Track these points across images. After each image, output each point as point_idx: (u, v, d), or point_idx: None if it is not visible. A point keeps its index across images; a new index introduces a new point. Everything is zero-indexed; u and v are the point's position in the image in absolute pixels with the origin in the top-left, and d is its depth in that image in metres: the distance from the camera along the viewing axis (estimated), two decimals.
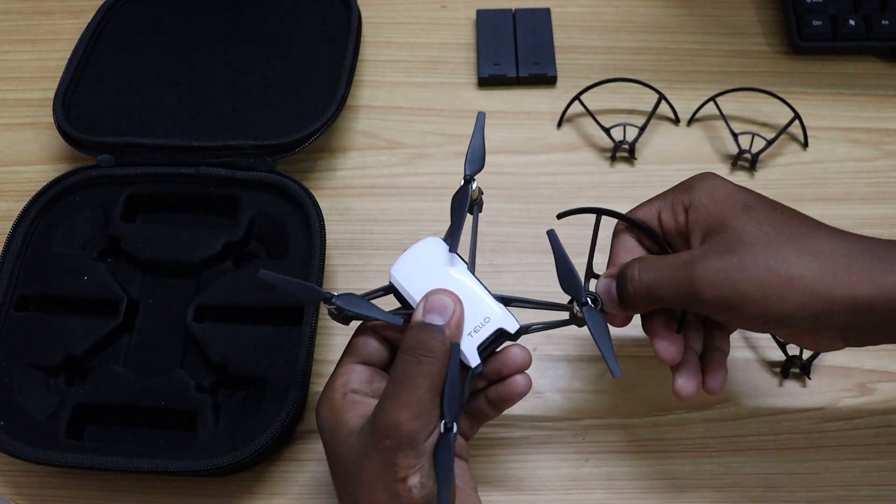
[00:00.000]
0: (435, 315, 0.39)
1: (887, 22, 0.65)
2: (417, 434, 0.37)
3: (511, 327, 0.41)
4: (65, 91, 0.60)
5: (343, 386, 0.41)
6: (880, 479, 0.49)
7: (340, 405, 0.40)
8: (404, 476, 0.37)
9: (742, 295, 0.38)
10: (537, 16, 0.68)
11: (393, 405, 0.37)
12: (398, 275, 0.42)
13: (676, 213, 0.43)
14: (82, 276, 0.53)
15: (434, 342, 0.38)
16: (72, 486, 0.50)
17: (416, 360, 0.38)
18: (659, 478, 0.50)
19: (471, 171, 0.44)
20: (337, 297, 0.41)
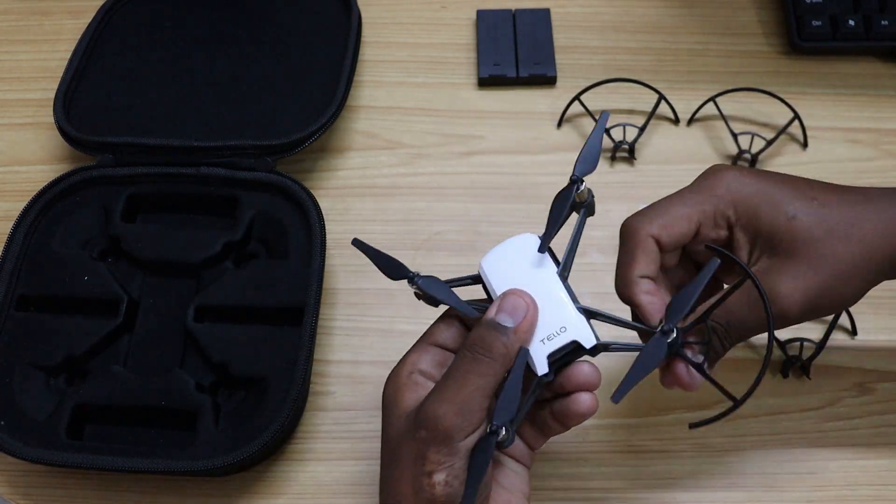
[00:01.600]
0: (505, 315, 0.38)
1: (887, 22, 0.65)
2: (454, 432, 0.36)
3: (587, 342, 0.39)
4: (65, 91, 0.60)
5: (412, 364, 0.40)
6: (880, 479, 0.49)
7: (404, 383, 0.39)
8: (431, 470, 0.36)
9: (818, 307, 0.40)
10: (537, 16, 0.68)
11: (437, 398, 0.37)
12: (487, 266, 0.41)
13: (719, 227, 0.42)
14: (82, 276, 0.54)
15: (496, 343, 0.37)
16: (72, 486, 0.50)
17: (472, 357, 0.37)
18: (659, 478, 0.50)
19: (580, 172, 0.41)
20: (420, 277, 0.40)
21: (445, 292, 0.40)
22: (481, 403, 0.37)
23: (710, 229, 0.42)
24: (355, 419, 0.52)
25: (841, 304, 0.42)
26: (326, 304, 0.56)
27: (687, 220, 0.41)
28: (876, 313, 0.55)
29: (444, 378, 0.37)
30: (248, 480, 0.50)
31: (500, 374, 0.37)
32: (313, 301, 0.51)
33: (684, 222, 0.41)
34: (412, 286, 0.41)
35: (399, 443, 0.38)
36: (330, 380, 0.53)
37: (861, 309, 0.54)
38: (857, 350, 0.54)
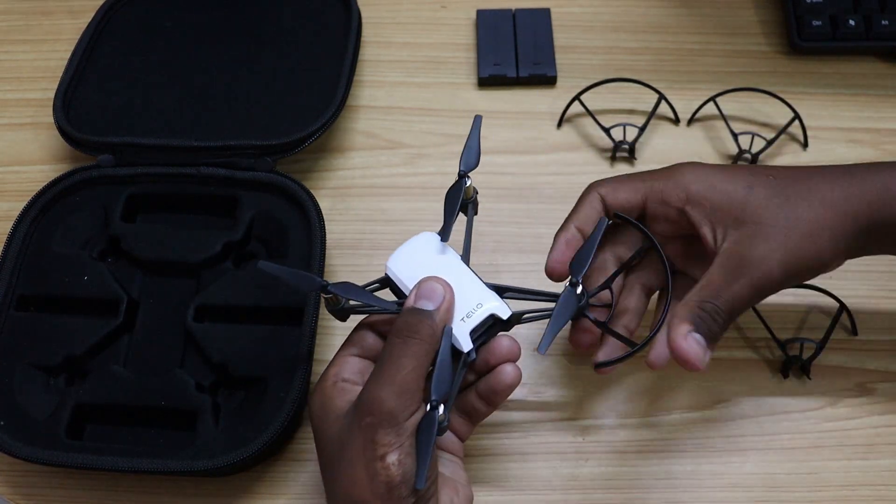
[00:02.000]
0: (425, 300, 0.41)
1: (887, 22, 0.65)
2: (398, 412, 0.37)
3: (503, 313, 0.42)
4: (65, 91, 0.60)
5: (335, 375, 0.42)
6: (880, 479, 0.49)
7: (330, 392, 0.41)
8: (383, 454, 0.37)
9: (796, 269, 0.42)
10: (537, 16, 0.68)
11: (376, 383, 0.38)
12: (394, 266, 0.44)
13: (667, 204, 0.44)
14: (82, 276, 0.54)
15: (422, 325, 0.39)
16: (72, 486, 0.50)
17: (402, 342, 0.39)
18: (659, 478, 0.50)
19: (464, 168, 0.45)
20: (333, 285, 0.42)
21: (364, 294, 0.42)
22: (418, 383, 0.39)
23: (658, 204, 0.44)
24: None
25: (819, 264, 0.42)
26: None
27: (634, 190, 0.45)
28: (876, 314, 0.55)
29: (379, 365, 0.39)
30: (248, 480, 0.50)
31: (430, 353, 0.39)
32: (313, 301, 0.51)
33: (631, 191, 0.45)
34: (326, 295, 0.42)
35: (341, 439, 0.39)
36: None
37: (861, 309, 0.54)
38: (858, 350, 0.54)
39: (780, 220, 0.42)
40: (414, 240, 0.45)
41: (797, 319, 0.55)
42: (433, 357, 0.39)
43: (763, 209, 0.42)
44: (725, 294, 0.41)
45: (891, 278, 0.56)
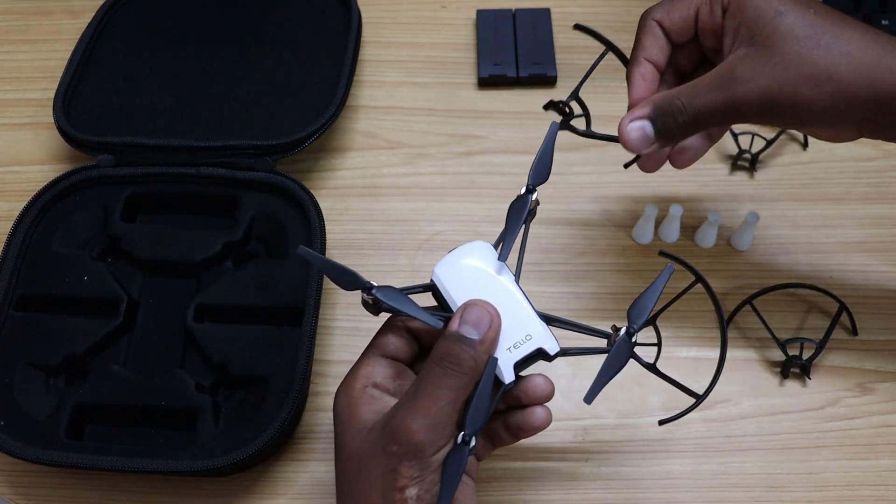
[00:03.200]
0: (471, 328, 0.38)
1: (887, 22, 0.65)
2: (427, 446, 0.36)
3: (551, 349, 0.40)
4: (65, 91, 0.60)
5: (365, 378, 0.40)
6: (880, 479, 0.49)
7: (359, 397, 0.39)
8: (403, 486, 0.36)
9: (777, 102, 0.40)
10: (537, 16, 0.68)
11: (409, 412, 0.36)
12: (442, 275, 0.40)
13: (715, 13, 0.44)
14: (82, 276, 0.54)
15: (465, 356, 0.37)
16: (72, 486, 0.50)
17: (442, 372, 0.37)
18: (659, 478, 0.50)
19: (533, 182, 0.43)
20: (377, 288, 0.39)
21: (407, 303, 0.39)
22: (452, 416, 0.37)
23: (707, 15, 0.44)
24: None
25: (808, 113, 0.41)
26: (326, 304, 0.56)
27: (686, 6, 0.45)
28: (876, 314, 0.55)
29: (414, 391, 0.37)
30: (248, 480, 0.50)
31: (469, 386, 0.37)
32: (313, 301, 0.51)
33: (684, 7, 0.45)
34: (368, 296, 0.39)
35: (363, 457, 0.37)
36: (330, 380, 0.53)
37: (861, 309, 0.54)
38: (858, 350, 0.54)
39: (792, 52, 0.40)
40: (466, 247, 0.41)
41: (797, 319, 0.55)
42: (471, 389, 0.37)
43: (781, 35, 0.41)
44: (698, 99, 0.41)
45: (891, 278, 0.56)
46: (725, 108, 0.41)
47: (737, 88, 0.41)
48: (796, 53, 0.40)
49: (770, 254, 0.57)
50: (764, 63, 0.40)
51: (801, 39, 0.40)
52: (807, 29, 0.41)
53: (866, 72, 0.40)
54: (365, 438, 0.38)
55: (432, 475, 0.36)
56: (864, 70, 0.40)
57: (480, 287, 0.40)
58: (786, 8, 0.41)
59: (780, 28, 0.41)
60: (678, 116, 0.42)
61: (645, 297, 0.40)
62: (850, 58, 0.40)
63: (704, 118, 0.42)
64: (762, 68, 0.40)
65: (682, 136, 0.43)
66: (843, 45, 0.40)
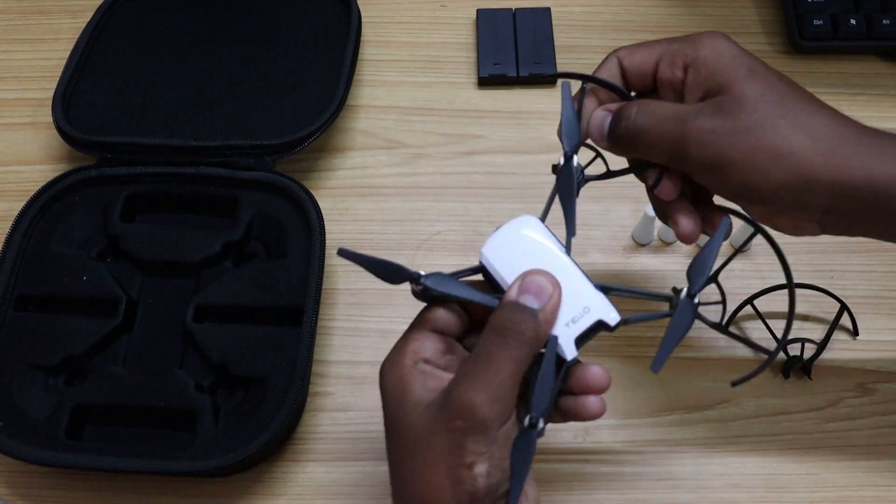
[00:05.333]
0: (530, 296, 0.36)
1: (888, 21, 0.65)
2: (492, 420, 0.34)
3: (612, 319, 0.38)
4: (64, 91, 0.60)
5: (414, 353, 0.38)
6: (881, 479, 0.49)
7: (409, 373, 0.37)
8: (472, 462, 0.34)
9: (729, 160, 0.38)
10: (537, 15, 0.68)
11: (470, 385, 0.34)
12: (490, 254, 0.39)
13: (675, 65, 0.41)
14: (81, 276, 0.53)
15: (525, 325, 0.35)
16: (71, 486, 0.50)
17: (503, 341, 0.35)
18: (659, 478, 0.50)
19: (569, 147, 0.40)
20: (425, 276, 0.38)
21: (458, 287, 0.38)
22: (514, 389, 0.35)
23: (666, 66, 0.41)
24: (355, 420, 0.52)
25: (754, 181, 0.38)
26: (326, 304, 0.56)
27: (650, 52, 0.42)
28: (877, 314, 0.55)
29: (473, 363, 0.35)
30: (247, 481, 0.50)
31: (530, 357, 0.36)
32: (313, 301, 0.51)
33: (647, 53, 0.42)
34: (416, 287, 0.38)
35: (422, 436, 0.35)
36: (330, 380, 0.53)
37: (862, 309, 0.54)
38: (859, 351, 0.54)
39: (757, 115, 0.38)
40: (513, 223, 0.39)
41: (798, 320, 0.55)
42: (531, 360, 0.36)
43: (749, 97, 0.38)
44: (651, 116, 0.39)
45: (891, 278, 0.56)
46: (671, 142, 0.39)
47: (690, 129, 0.38)
48: (762, 117, 0.38)
49: (770, 254, 0.57)
50: (724, 119, 0.38)
51: (768, 104, 0.38)
52: (776, 96, 0.38)
53: (830, 153, 0.37)
54: (422, 414, 0.36)
55: (500, 450, 0.35)
56: (829, 151, 0.37)
57: (533, 261, 0.38)
58: (756, 70, 0.39)
59: (747, 89, 0.38)
60: (624, 122, 0.40)
61: (704, 255, 0.38)
62: (815, 136, 0.37)
63: (647, 140, 0.40)
64: (722, 122, 0.38)
65: (622, 144, 0.41)
66: (810, 121, 0.38)
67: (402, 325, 0.55)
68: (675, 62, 0.41)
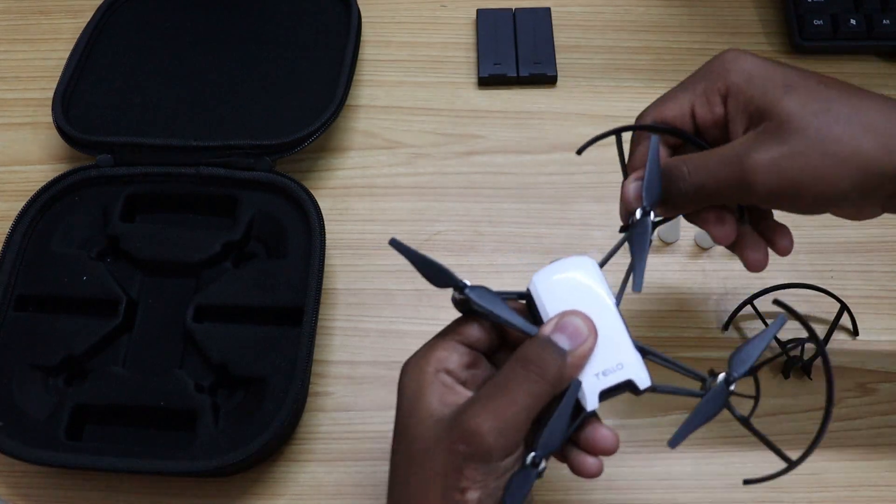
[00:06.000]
0: (564, 336, 0.36)
1: (888, 21, 0.65)
2: (495, 451, 0.34)
3: (642, 382, 0.37)
4: (64, 91, 0.60)
5: (438, 361, 0.37)
6: (881, 479, 0.49)
7: (430, 381, 0.36)
8: (465, 487, 0.34)
9: (797, 183, 0.37)
10: (537, 15, 0.68)
11: (482, 411, 0.34)
12: (540, 284, 0.38)
13: (713, 103, 0.40)
14: (81, 276, 0.53)
15: (551, 364, 0.35)
16: (71, 487, 0.50)
17: (525, 374, 0.35)
18: (659, 478, 0.50)
19: (648, 203, 0.39)
20: (471, 288, 0.37)
21: (501, 306, 0.37)
22: (525, 424, 0.35)
23: (704, 108, 0.41)
24: (355, 420, 0.52)
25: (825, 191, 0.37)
26: (326, 304, 0.56)
27: (679, 103, 0.41)
28: (877, 314, 0.55)
29: (490, 390, 0.35)
30: (247, 481, 0.50)
31: (549, 396, 0.35)
32: (313, 301, 0.51)
33: (676, 105, 0.41)
34: (459, 296, 0.37)
35: (425, 449, 0.35)
36: (329, 380, 0.53)
37: (862, 309, 0.54)
38: (859, 351, 0.54)
39: (810, 128, 0.37)
40: (570, 261, 0.39)
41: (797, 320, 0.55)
42: (549, 401, 0.35)
43: (795, 113, 0.37)
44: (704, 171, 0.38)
45: (891, 278, 0.56)
46: (733, 185, 0.38)
47: (749, 167, 0.37)
48: (815, 131, 0.36)
49: (771, 254, 0.57)
50: (780, 144, 0.37)
51: (817, 114, 0.37)
52: (820, 103, 0.37)
53: (892, 142, 0.36)
54: (430, 428, 0.35)
55: (496, 481, 0.34)
56: (889, 141, 0.36)
57: (579, 303, 0.37)
58: (793, 82, 0.38)
59: (790, 105, 0.37)
60: (680, 183, 0.39)
61: (751, 346, 0.37)
62: (873, 130, 0.36)
63: (708, 193, 0.39)
64: (778, 149, 0.37)
65: (683, 204, 0.39)
66: (864, 117, 0.37)
67: (402, 325, 0.56)
68: (711, 100, 0.40)
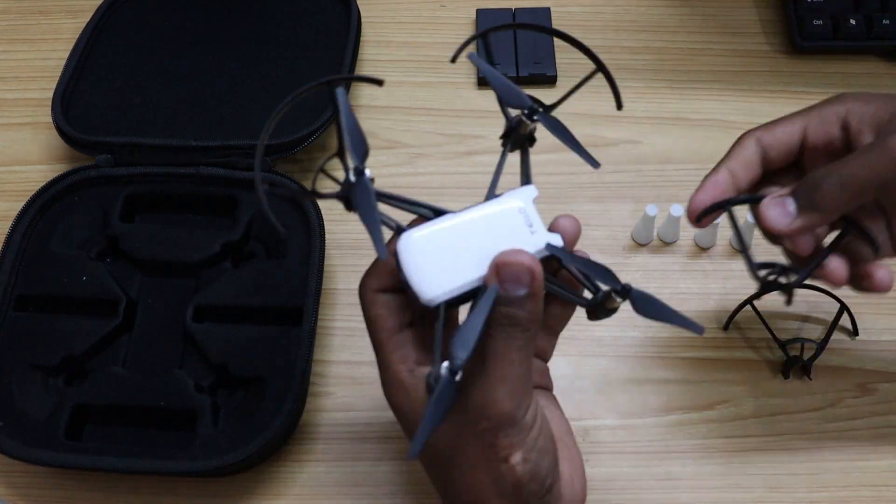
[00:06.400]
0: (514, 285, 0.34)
1: (888, 21, 0.65)
2: (517, 411, 0.34)
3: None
4: (63, 91, 0.60)
5: (403, 360, 0.37)
6: (881, 479, 0.49)
7: (412, 385, 0.36)
8: (506, 455, 0.34)
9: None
10: (537, 15, 0.68)
11: (487, 385, 0.34)
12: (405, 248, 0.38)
13: (829, 124, 0.40)
14: (81, 276, 0.53)
15: (522, 316, 0.34)
16: (71, 487, 0.50)
17: (507, 337, 0.34)
18: (659, 478, 0.50)
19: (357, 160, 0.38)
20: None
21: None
22: (529, 375, 0.35)
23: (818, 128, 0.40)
24: (355, 420, 0.52)
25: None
26: (326, 304, 0.56)
27: (791, 124, 0.41)
28: (877, 314, 0.55)
29: (482, 364, 0.34)
30: (247, 481, 0.50)
31: (533, 339, 0.35)
32: (313, 301, 0.51)
33: (788, 125, 0.41)
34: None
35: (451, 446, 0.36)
36: (329, 380, 0.53)
37: (862, 309, 0.54)
38: (859, 350, 0.54)
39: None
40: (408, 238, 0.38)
41: (797, 320, 0.55)
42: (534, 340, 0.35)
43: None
44: (847, 166, 0.37)
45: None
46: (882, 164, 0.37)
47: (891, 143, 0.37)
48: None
49: (770, 254, 0.57)
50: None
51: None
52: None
53: None
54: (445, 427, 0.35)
55: (530, 434, 0.35)
56: None
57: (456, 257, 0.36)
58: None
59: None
60: (823, 182, 0.38)
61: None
62: None
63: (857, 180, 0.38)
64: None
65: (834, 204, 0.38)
66: None
67: None
68: (828, 120, 0.40)
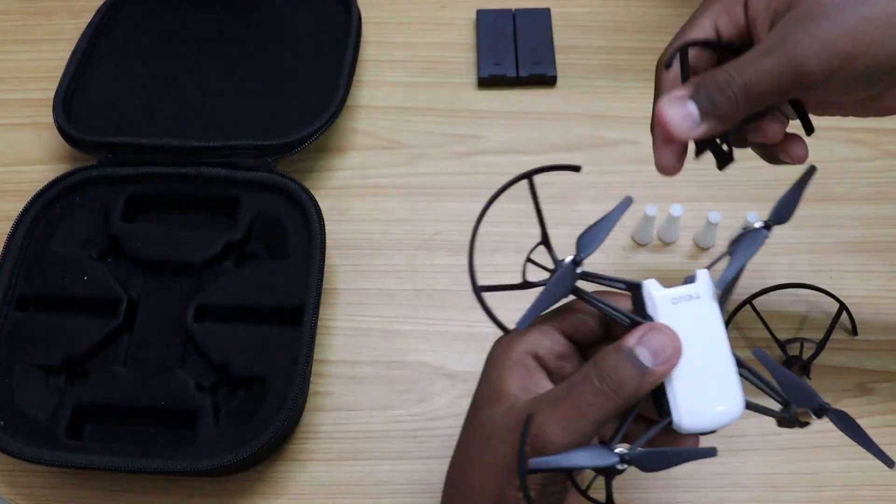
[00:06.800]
0: (647, 353, 0.33)
1: None
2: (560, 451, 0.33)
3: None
4: (65, 91, 0.60)
5: (530, 343, 0.36)
6: (881, 479, 0.49)
7: (516, 361, 0.36)
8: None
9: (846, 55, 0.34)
10: (537, 16, 0.68)
11: (550, 415, 0.33)
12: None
13: (735, 15, 0.39)
14: (82, 276, 0.53)
15: (628, 381, 0.33)
16: (72, 486, 0.50)
17: (598, 389, 0.33)
18: (659, 478, 0.50)
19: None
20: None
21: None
22: (592, 435, 0.33)
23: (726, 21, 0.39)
24: (355, 419, 0.52)
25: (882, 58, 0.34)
26: (326, 304, 0.56)
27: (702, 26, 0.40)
28: (876, 313, 0.55)
29: (563, 393, 0.33)
30: (248, 480, 0.50)
31: (619, 410, 0.33)
32: (313, 301, 0.51)
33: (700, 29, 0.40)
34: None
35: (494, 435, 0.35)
36: (330, 380, 0.53)
37: (862, 309, 0.54)
38: (858, 350, 0.54)
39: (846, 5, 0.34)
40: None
41: (797, 319, 0.55)
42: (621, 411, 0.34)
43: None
44: (749, 67, 0.35)
45: (891, 278, 0.56)
46: (784, 73, 0.35)
47: (796, 49, 0.34)
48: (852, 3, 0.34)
49: (770, 254, 0.57)
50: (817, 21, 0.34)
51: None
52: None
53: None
54: (502, 416, 0.34)
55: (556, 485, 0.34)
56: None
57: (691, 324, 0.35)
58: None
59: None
60: (726, 89, 0.36)
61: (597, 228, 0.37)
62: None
63: (759, 89, 0.36)
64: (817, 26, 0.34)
65: (734, 112, 0.37)
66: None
67: (402, 324, 0.56)
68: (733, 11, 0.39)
